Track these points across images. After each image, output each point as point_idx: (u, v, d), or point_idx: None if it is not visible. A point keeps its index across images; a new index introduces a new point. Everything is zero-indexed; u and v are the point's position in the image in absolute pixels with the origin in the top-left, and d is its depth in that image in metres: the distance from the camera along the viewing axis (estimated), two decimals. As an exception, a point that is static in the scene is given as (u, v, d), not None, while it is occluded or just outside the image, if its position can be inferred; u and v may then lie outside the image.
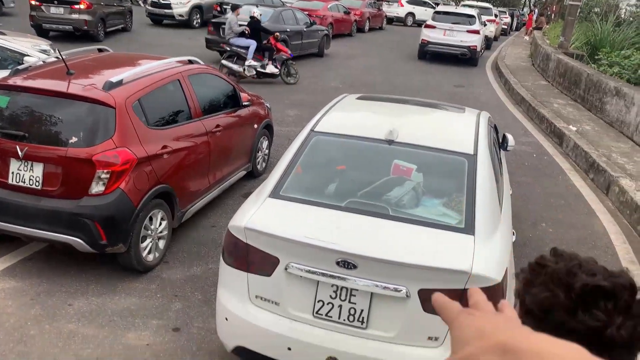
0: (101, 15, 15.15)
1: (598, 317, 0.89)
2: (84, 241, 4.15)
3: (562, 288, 0.94)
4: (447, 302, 0.64)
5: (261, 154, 7.04)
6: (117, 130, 4.23)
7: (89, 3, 14.60)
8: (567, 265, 0.97)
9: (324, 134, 3.87)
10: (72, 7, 14.38)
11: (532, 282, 0.99)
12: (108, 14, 15.73)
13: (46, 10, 14.36)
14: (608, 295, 0.91)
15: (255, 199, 3.43)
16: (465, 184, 3.39)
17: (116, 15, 16.57)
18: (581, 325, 0.90)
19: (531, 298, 0.97)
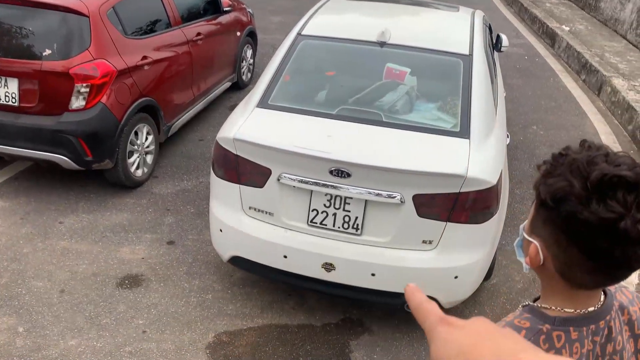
0: None
1: (614, 209, 0.83)
2: (69, 158, 4.04)
3: (579, 177, 0.87)
4: (424, 302, 0.57)
5: (246, 63, 6.79)
6: (93, 41, 3.99)
7: None
8: (591, 154, 0.89)
9: (312, 37, 3.68)
10: None
11: (551, 173, 0.92)
12: None
13: None
14: (630, 187, 0.84)
15: (243, 109, 3.30)
16: (460, 87, 3.28)
17: None
18: (594, 216, 0.84)
19: (546, 188, 0.91)
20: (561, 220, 0.89)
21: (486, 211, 2.84)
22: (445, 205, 2.77)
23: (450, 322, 0.54)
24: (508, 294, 3.62)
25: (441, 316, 0.55)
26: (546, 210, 0.93)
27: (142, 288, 3.50)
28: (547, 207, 0.92)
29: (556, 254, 0.93)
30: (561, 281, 0.95)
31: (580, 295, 0.97)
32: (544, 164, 0.95)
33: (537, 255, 0.95)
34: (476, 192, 2.76)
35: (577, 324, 0.97)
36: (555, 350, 0.95)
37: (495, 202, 2.87)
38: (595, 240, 0.85)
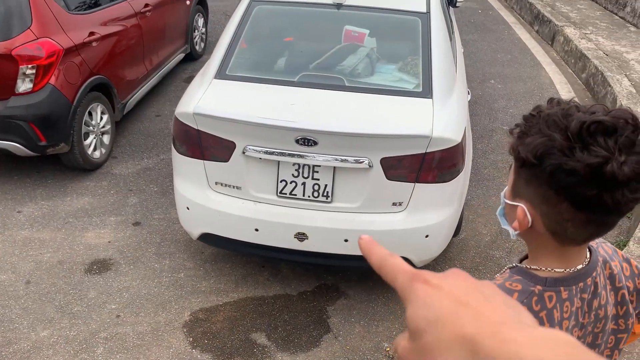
0: None
1: (598, 153, 0.83)
2: (21, 144, 3.87)
3: (558, 130, 0.87)
4: (387, 258, 0.48)
5: (198, 33, 6.59)
6: (34, 19, 3.78)
7: None
8: (564, 107, 0.90)
9: (266, 2, 3.57)
10: None
11: (527, 133, 0.91)
12: None
13: None
14: (608, 131, 0.84)
15: (200, 81, 3.20)
16: (420, 46, 3.25)
17: None
18: (580, 164, 0.84)
19: (525, 147, 0.90)
20: (547, 175, 0.88)
21: (453, 169, 2.87)
22: (413, 167, 2.78)
23: (426, 279, 0.45)
24: (477, 248, 3.70)
25: (413, 272, 0.46)
26: (528, 169, 0.92)
27: (111, 272, 3.43)
28: (529, 167, 0.91)
29: (545, 212, 0.93)
30: (551, 240, 0.96)
31: (569, 253, 0.98)
32: (516, 126, 0.94)
33: (525, 218, 0.95)
34: (442, 152, 2.77)
35: (567, 283, 0.98)
36: (547, 311, 0.96)
37: (461, 160, 2.90)
38: (584, 188, 0.86)
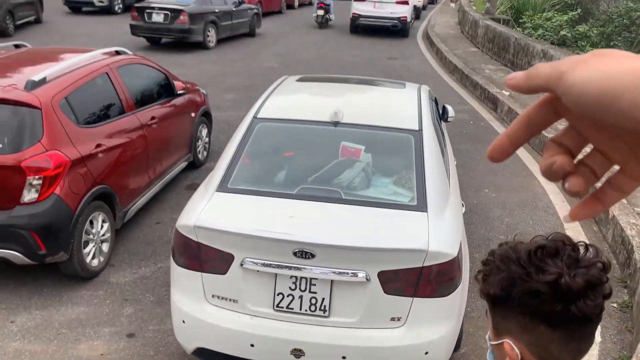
0: (8, 7, 13.76)
1: (550, 271, 0.95)
2: (21, 253, 3.89)
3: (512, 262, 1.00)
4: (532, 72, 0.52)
5: (201, 142, 6.84)
6: (45, 133, 3.96)
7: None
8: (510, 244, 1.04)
9: (268, 120, 3.76)
10: None
11: (489, 274, 1.04)
12: (16, 5, 14.28)
13: None
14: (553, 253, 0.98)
15: (202, 194, 3.30)
16: (413, 161, 3.39)
17: (26, 6, 15.11)
18: (539, 284, 0.95)
19: (492, 285, 1.03)
20: (517, 303, 0.99)
21: (450, 283, 2.88)
22: (410, 281, 2.79)
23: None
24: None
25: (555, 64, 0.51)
26: (500, 304, 1.03)
27: (101, 388, 3.31)
28: (500, 302, 1.02)
29: (528, 341, 1.02)
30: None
31: None
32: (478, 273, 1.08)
33: (513, 350, 1.02)
34: (439, 265, 2.80)
35: None
36: None
37: (458, 274, 2.92)
38: (551, 305, 0.96)
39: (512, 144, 0.56)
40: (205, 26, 13.78)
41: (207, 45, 14.02)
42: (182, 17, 13.16)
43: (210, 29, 14.07)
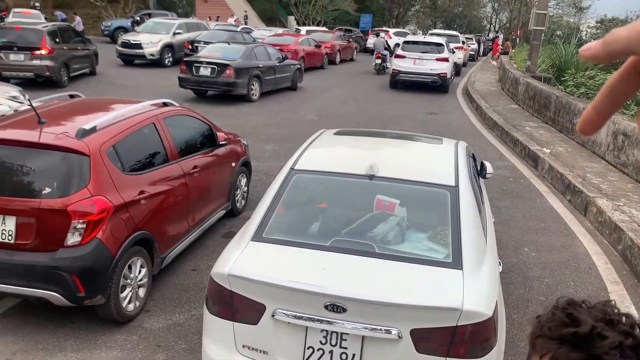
0: (64, 60, 14.67)
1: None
2: (61, 295, 4.00)
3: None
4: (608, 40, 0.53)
5: (240, 191, 6.97)
6: (92, 179, 4.13)
7: (50, 48, 14.18)
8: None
9: (304, 171, 3.83)
10: (33, 53, 13.93)
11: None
12: (71, 58, 15.24)
13: (5, 57, 13.97)
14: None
15: (238, 243, 3.35)
16: (449, 217, 3.37)
17: (81, 59, 16.07)
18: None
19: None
20: None
21: (485, 344, 2.80)
22: (443, 340, 2.73)
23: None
24: None
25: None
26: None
27: None
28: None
29: None
30: None
31: None
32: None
33: None
34: (473, 325, 2.74)
35: None
36: None
37: (493, 335, 2.84)
38: None
39: (599, 115, 0.56)
40: (249, 80, 14.28)
41: (251, 98, 14.48)
42: (228, 71, 13.70)
43: (254, 82, 14.57)
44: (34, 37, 14.13)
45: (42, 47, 14.02)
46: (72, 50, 15.41)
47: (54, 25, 16.17)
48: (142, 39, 19.69)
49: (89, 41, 17.13)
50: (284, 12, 41.37)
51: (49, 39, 14.24)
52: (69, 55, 15.09)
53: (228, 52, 14.57)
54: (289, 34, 25.34)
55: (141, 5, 34.74)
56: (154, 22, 21.87)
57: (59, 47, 14.64)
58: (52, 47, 14.29)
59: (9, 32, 14.47)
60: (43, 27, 14.79)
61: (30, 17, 23.84)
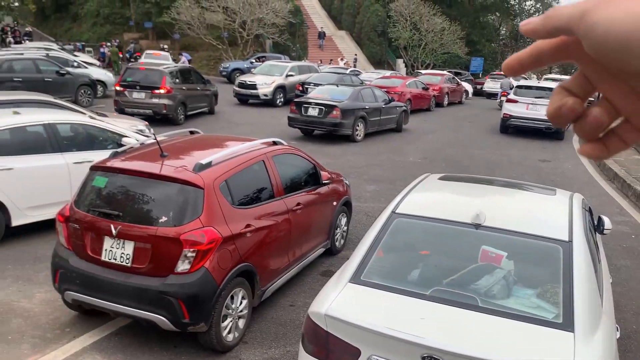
0: (182, 99, 15.48)
1: None
2: (168, 319, 4.22)
3: None
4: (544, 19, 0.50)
5: (340, 230, 7.02)
6: (204, 210, 4.37)
7: (169, 88, 15.01)
8: None
9: (406, 216, 3.79)
10: (153, 92, 14.91)
11: None
12: (189, 97, 16.02)
13: (129, 95, 15.06)
14: None
15: (336, 283, 3.36)
16: (561, 274, 3.16)
17: (200, 99, 16.87)
18: None
19: None
20: None
21: (598, 418, 2.55)
22: (550, 408, 2.52)
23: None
24: None
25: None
26: None
27: None
28: None
29: None
30: None
31: None
32: None
33: None
34: (585, 396, 2.51)
35: None
36: None
37: None
38: None
39: (521, 67, 0.55)
40: (355, 121, 14.53)
41: (355, 138, 14.70)
42: (335, 112, 14.05)
43: (359, 123, 14.80)
44: (155, 77, 15.15)
45: (162, 87, 14.96)
46: (190, 91, 16.24)
47: (176, 66, 17.26)
48: (257, 80, 20.83)
49: (209, 82, 18.14)
50: (393, 55, 41.89)
51: (168, 79, 15.18)
52: (187, 95, 15.92)
53: (336, 93, 14.97)
54: (396, 76, 25.58)
55: (258, 49, 36.88)
56: (269, 65, 23.08)
57: (178, 87, 15.50)
58: (171, 86, 15.16)
59: (134, 72, 15.62)
60: (164, 68, 15.77)
61: (159, 58, 26.16)
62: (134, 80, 15.24)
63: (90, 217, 4.55)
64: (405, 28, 38.13)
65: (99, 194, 4.70)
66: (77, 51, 31.64)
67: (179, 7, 33.32)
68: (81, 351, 4.48)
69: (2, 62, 15.11)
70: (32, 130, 6.97)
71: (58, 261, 4.65)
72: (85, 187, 4.79)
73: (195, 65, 32.97)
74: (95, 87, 18.23)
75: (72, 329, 4.82)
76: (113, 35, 41.16)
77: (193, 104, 16.44)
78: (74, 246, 4.61)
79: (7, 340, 4.57)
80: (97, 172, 4.80)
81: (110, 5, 43.52)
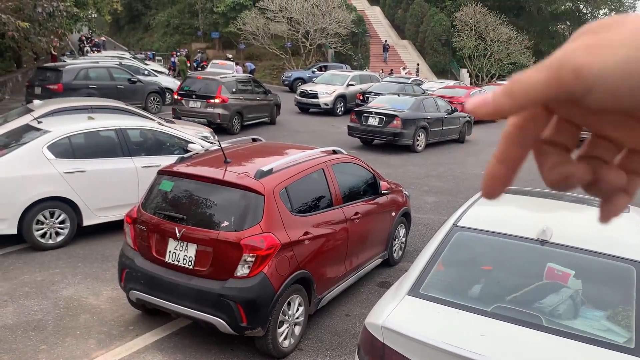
0: (238, 109, 15.39)
1: None
2: (226, 322, 4.30)
3: None
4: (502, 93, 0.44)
5: (398, 242, 6.94)
6: (264, 216, 4.44)
7: (224, 98, 14.93)
8: None
9: (468, 229, 3.70)
10: (208, 102, 14.92)
11: None
12: (247, 107, 15.89)
13: (185, 104, 15.17)
14: None
15: (394, 295, 3.32)
16: (634, 296, 2.98)
17: (259, 108, 16.70)
18: None
19: None
20: None
21: None
22: None
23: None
24: None
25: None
26: None
27: None
28: None
29: None
30: None
31: None
32: None
33: None
34: None
35: None
36: None
37: None
38: None
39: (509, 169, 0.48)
40: (415, 131, 14.37)
41: (416, 148, 14.53)
42: (396, 122, 13.95)
43: (420, 134, 14.62)
44: (211, 87, 15.14)
45: (217, 97, 14.89)
46: (249, 101, 16.02)
47: (234, 76, 16.98)
48: (318, 89, 21.03)
49: (270, 92, 17.94)
50: (457, 65, 41.21)
51: (224, 89, 15.07)
52: (245, 105, 15.76)
53: (397, 103, 14.88)
54: (460, 86, 25.14)
55: (320, 58, 37.26)
56: (330, 74, 23.26)
57: (235, 97, 15.33)
58: (227, 96, 15.03)
59: (193, 81, 15.70)
60: (222, 78, 15.63)
61: (225, 67, 26.91)
62: (191, 89, 15.40)
63: (156, 220, 4.71)
64: (470, 37, 37.42)
65: (165, 197, 4.87)
66: (148, 60, 33.06)
67: (245, 17, 34.26)
68: (143, 349, 4.64)
69: (79, 70, 15.96)
70: (104, 134, 7.34)
71: (124, 261, 4.84)
72: (152, 191, 4.98)
73: (258, 74, 33.70)
74: (164, 95, 18.90)
75: (135, 327, 5.00)
76: (182, 45, 42.86)
77: (251, 114, 16.33)
78: (140, 247, 4.80)
79: (75, 335, 4.80)
80: (164, 176, 4.98)
81: (180, 16, 45.36)
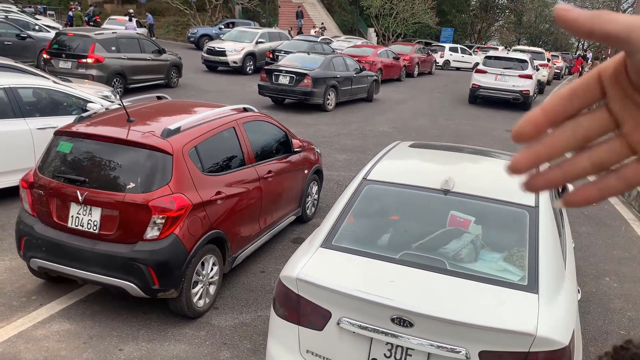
0: (117, 70, 13.60)
1: None
2: (137, 286, 4.19)
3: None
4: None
5: (310, 198, 7.04)
6: (173, 177, 4.31)
7: (99, 57, 13.18)
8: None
9: (377, 182, 3.81)
10: (79, 61, 13.08)
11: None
12: (130, 68, 14.09)
13: (55, 64, 13.29)
14: None
15: (307, 248, 3.38)
16: (527, 238, 3.24)
17: (149, 69, 14.92)
18: None
19: None
20: None
21: (559, 375, 2.65)
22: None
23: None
24: None
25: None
26: None
27: None
28: None
29: None
30: None
31: None
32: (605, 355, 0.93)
33: None
34: (547, 353, 2.60)
35: None
36: None
37: None
38: None
39: (547, 119, 0.47)
40: (326, 90, 14.44)
41: (326, 107, 14.63)
42: (306, 80, 13.92)
43: (330, 92, 14.71)
44: (83, 45, 13.27)
45: (89, 56, 13.09)
46: (135, 61, 14.32)
47: (114, 32, 14.99)
48: (226, 47, 20.39)
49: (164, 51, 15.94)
50: (364, 25, 41.52)
51: (99, 46, 13.32)
52: (128, 65, 14.03)
53: (307, 61, 14.81)
54: (367, 45, 25.43)
55: (227, 14, 36.03)
56: (238, 31, 22.60)
57: (114, 57, 13.61)
58: (103, 55, 13.30)
59: (64, 38, 13.74)
60: (96, 35, 13.74)
61: (124, 24, 25.27)
62: (61, 47, 13.49)
63: (55, 183, 4.43)
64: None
65: (64, 159, 4.57)
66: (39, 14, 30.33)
67: (145, -31, 32.15)
68: (49, 318, 4.43)
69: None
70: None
71: (22, 228, 4.54)
72: (50, 153, 4.66)
73: (161, 30, 32.06)
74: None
75: (38, 296, 4.75)
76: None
77: (137, 76, 14.49)
78: (39, 213, 4.51)
79: (-30, 309, 4.48)
80: (61, 137, 4.67)
81: (72, -34, 41.75)
